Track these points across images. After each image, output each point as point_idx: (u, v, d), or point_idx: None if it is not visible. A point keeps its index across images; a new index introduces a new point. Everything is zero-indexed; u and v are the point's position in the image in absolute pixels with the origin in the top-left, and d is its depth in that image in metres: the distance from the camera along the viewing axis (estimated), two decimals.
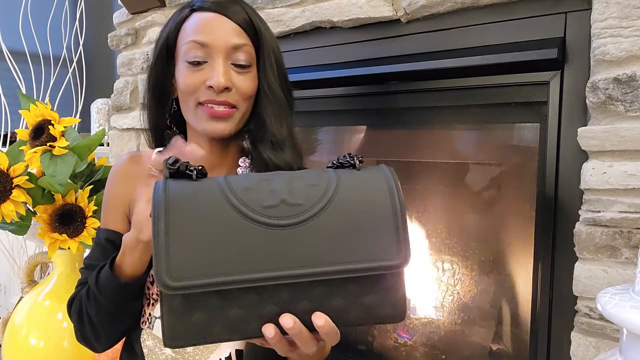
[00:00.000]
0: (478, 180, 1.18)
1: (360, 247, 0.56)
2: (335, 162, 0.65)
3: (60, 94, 2.21)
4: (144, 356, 0.82)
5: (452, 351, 1.22)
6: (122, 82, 1.78)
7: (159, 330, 0.80)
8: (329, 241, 0.55)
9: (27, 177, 1.22)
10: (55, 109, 1.26)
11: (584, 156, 0.87)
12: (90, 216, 1.27)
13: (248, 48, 0.80)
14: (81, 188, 1.29)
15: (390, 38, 1.14)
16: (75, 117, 2.15)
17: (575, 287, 0.87)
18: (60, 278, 1.35)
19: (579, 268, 0.86)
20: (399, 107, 1.20)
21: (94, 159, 1.37)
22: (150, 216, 0.56)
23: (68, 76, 2.26)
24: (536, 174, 0.99)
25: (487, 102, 1.05)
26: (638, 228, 0.81)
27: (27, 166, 1.22)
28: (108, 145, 2.03)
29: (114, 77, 1.82)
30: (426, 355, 1.25)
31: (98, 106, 2.38)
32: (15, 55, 2.17)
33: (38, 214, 1.24)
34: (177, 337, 0.55)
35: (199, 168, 0.61)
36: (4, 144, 2.17)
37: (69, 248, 1.25)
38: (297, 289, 0.56)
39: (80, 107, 2.31)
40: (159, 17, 1.62)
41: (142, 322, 0.83)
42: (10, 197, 1.19)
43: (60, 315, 1.30)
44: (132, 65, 1.74)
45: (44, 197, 1.26)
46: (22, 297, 1.42)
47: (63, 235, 1.24)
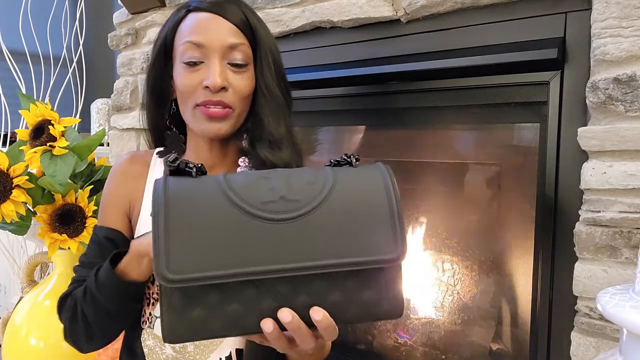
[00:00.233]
0: (478, 180, 1.18)
1: (358, 241, 0.56)
2: (332, 160, 0.65)
3: (60, 94, 2.21)
4: (145, 356, 0.82)
5: (452, 351, 1.22)
6: (122, 82, 1.78)
7: (159, 330, 0.80)
8: (327, 235, 0.56)
9: (27, 177, 1.22)
10: (55, 109, 1.26)
11: (584, 156, 0.87)
12: (90, 216, 1.27)
13: (244, 47, 0.80)
14: (81, 188, 1.29)
15: (390, 38, 1.14)
16: (75, 117, 2.15)
17: (575, 287, 0.87)
18: (60, 278, 1.35)
19: (579, 268, 0.86)
20: (399, 107, 1.20)
21: (94, 159, 1.37)
22: (151, 215, 0.56)
23: (68, 76, 2.26)
24: (536, 174, 0.99)
25: (487, 102, 1.05)
26: (638, 228, 0.81)
27: (27, 166, 1.22)
28: (108, 145, 2.03)
29: (114, 77, 1.82)
30: (426, 355, 1.25)
31: (98, 106, 2.38)
32: (15, 55, 2.17)
33: (38, 214, 1.24)
34: (177, 333, 0.56)
35: (199, 165, 0.61)
36: (4, 144, 2.17)
37: (69, 248, 1.25)
38: (296, 283, 0.56)
39: (80, 107, 2.31)
40: (158, 17, 1.62)
41: (143, 322, 0.83)
42: (10, 197, 1.20)
43: None
44: (132, 65, 1.74)
45: (44, 197, 1.26)
46: (22, 297, 1.42)
47: (63, 235, 1.24)
